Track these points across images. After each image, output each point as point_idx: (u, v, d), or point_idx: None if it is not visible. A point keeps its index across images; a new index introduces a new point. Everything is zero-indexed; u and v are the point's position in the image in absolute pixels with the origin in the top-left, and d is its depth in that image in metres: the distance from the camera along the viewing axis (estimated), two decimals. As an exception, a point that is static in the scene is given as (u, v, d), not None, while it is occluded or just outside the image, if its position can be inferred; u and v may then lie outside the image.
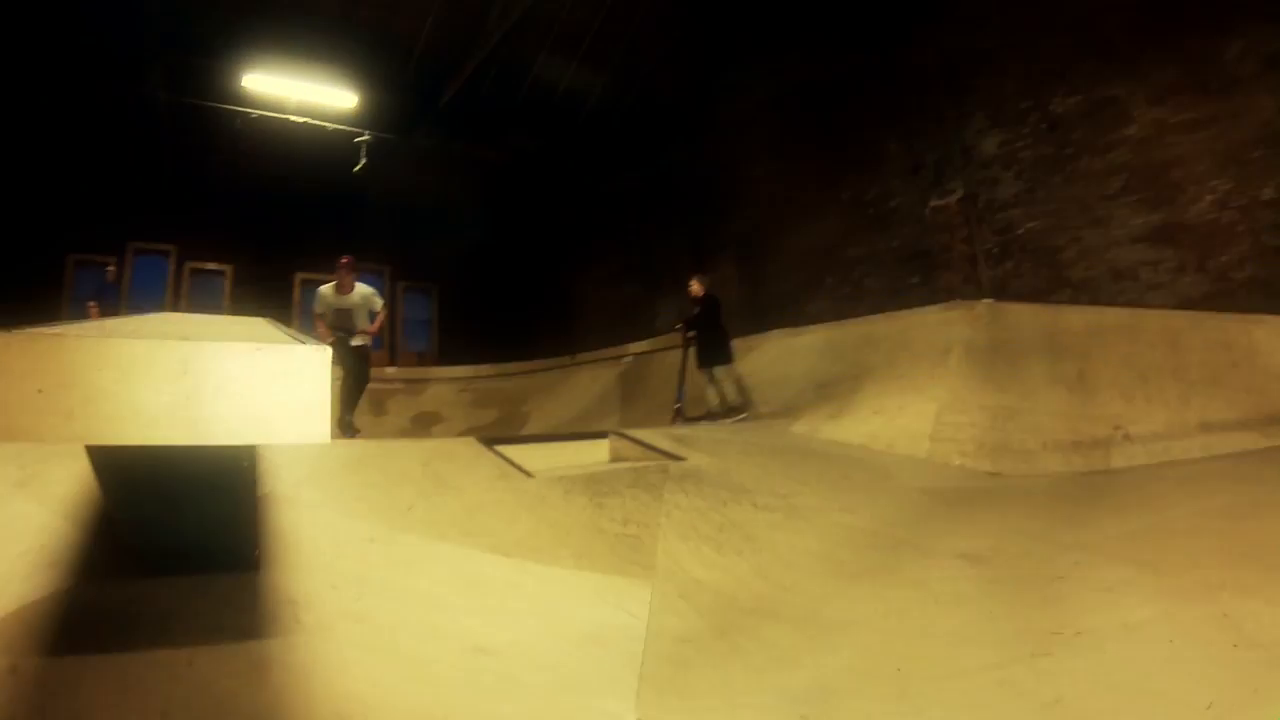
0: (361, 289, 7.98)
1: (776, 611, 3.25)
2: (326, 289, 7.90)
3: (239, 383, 1.73)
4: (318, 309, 7.94)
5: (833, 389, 8.37)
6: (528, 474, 4.86)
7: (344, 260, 7.89)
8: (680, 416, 9.02)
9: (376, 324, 8.08)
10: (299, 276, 16.27)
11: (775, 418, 8.30)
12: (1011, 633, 2.85)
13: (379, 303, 8.13)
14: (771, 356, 9.98)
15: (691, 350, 9.21)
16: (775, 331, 10.53)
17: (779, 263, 11.24)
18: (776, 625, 3.12)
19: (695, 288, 9.31)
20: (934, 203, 9.13)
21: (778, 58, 11.28)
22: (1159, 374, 6.89)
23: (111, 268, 12.44)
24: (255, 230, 15.71)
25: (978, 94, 8.82)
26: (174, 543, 2.75)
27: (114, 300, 12.10)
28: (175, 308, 14.32)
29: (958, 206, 8.95)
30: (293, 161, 15.13)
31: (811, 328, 10.11)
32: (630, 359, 13.17)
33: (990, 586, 3.43)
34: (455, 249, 17.74)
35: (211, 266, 15.70)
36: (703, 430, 7.69)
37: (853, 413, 7.68)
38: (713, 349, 8.93)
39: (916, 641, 2.88)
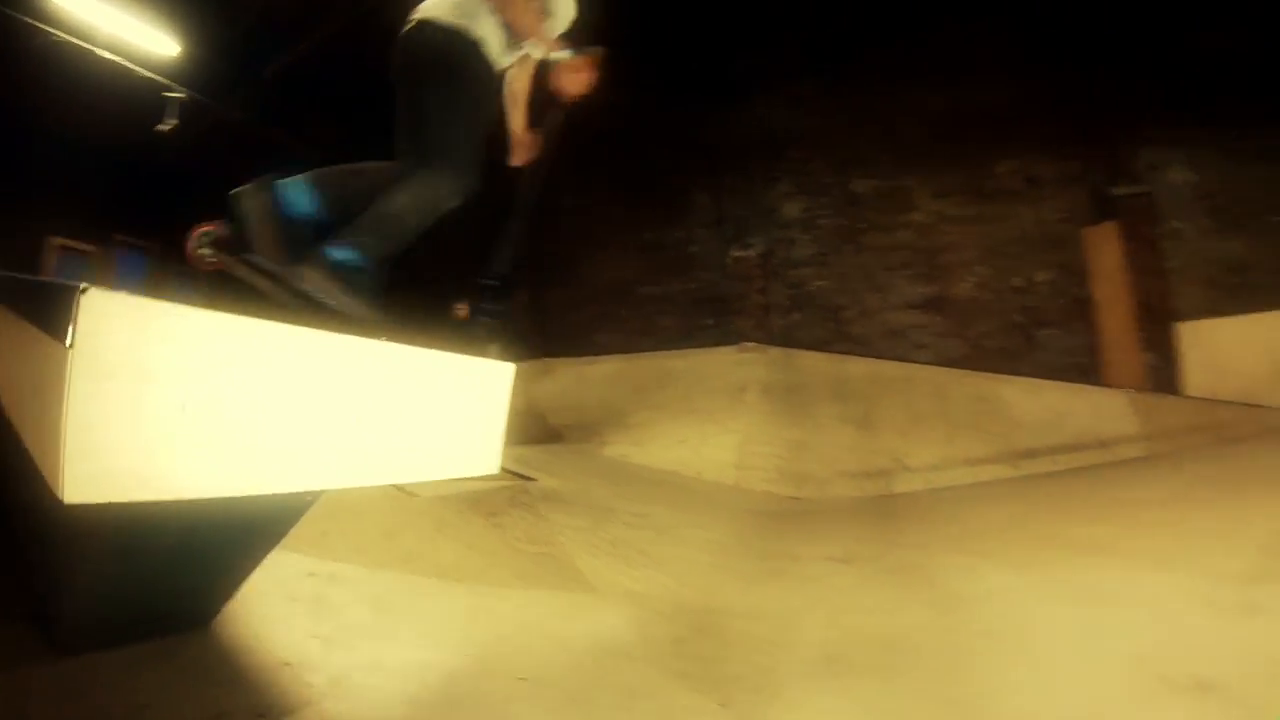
0: None
1: (727, 609, 3.48)
2: None
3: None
4: None
5: (631, 418, 8.66)
6: (411, 493, 4.56)
7: None
8: None
9: None
10: (56, 241, 13.19)
11: (580, 442, 8.58)
12: (916, 602, 3.39)
13: None
14: (565, 383, 10.14)
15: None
16: (565, 359, 10.75)
17: (573, 293, 11.61)
18: (739, 619, 3.29)
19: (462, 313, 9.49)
20: (735, 253, 10.03)
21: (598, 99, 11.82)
22: (929, 417, 8.14)
23: None
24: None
25: (787, 163, 9.97)
26: (146, 608, 2.10)
27: None
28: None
29: (757, 259, 9.92)
30: (87, 106, 12.32)
31: (604, 358, 10.27)
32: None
33: (871, 576, 3.91)
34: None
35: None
36: (524, 450, 7.78)
37: (656, 441, 8.05)
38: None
39: (855, 615, 3.33)
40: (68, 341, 1.15)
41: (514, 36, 2.95)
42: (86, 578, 1.93)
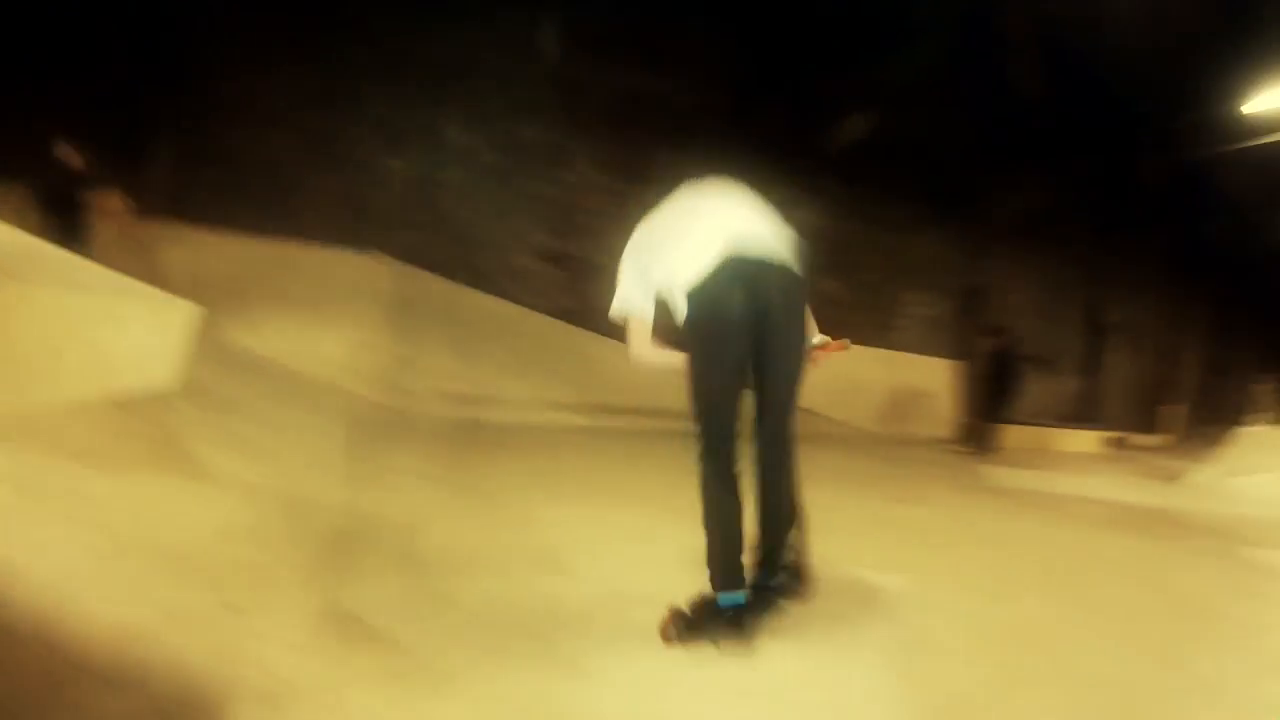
0: None
1: (330, 506, 3.66)
2: None
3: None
4: None
5: (254, 304, 7.97)
6: None
7: None
8: None
9: None
10: None
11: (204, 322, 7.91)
12: (492, 523, 3.96)
13: None
14: (195, 254, 9.14)
15: None
16: (198, 229, 9.61)
17: (219, 163, 10.30)
18: (338, 516, 3.61)
19: None
20: (389, 161, 9.63)
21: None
22: (528, 359, 8.82)
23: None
24: None
25: (461, 90, 9.85)
26: None
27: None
28: None
29: (410, 174, 9.66)
30: None
31: (237, 236, 8.93)
32: None
33: (456, 495, 4.42)
34: None
35: None
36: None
37: (276, 333, 7.59)
38: None
39: (436, 526, 3.71)
40: None
41: None
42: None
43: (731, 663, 2.43)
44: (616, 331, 3.14)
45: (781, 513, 2.69)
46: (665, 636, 2.55)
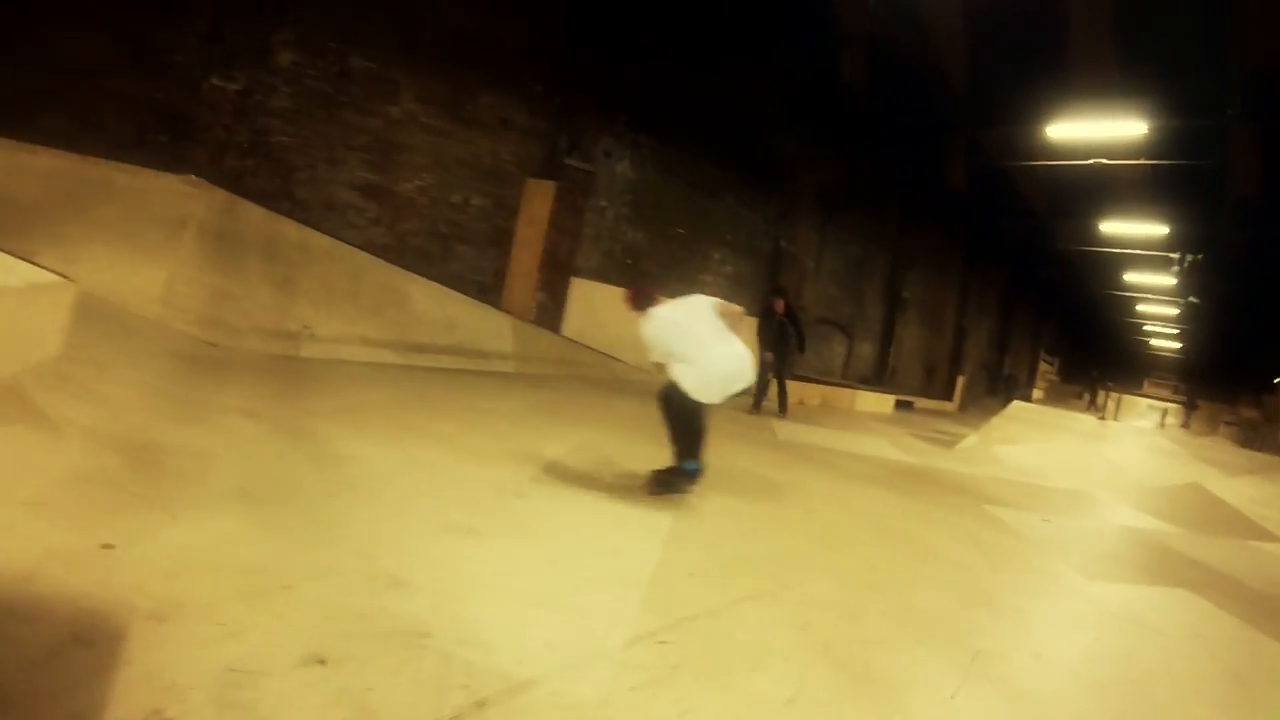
0: None
1: (161, 445, 3.86)
2: None
3: None
4: None
5: (66, 228, 7.67)
6: None
7: None
8: None
9: None
10: None
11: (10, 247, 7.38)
12: (303, 456, 4.32)
13: None
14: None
15: None
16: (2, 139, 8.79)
17: (24, 66, 9.31)
18: (171, 455, 3.82)
19: None
20: (215, 80, 9.29)
21: None
22: (342, 295, 8.87)
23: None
24: None
25: (296, 6, 9.57)
26: None
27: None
28: None
29: (234, 94, 9.39)
30: None
31: (47, 151, 8.23)
32: None
33: (272, 431, 4.70)
34: None
35: None
36: None
37: (88, 261, 7.11)
38: None
39: (258, 461, 4.08)
40: None
41: None
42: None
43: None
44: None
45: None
46: (649, 490, 4.89)
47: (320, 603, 2.54)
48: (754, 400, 11.04)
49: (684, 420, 4.98)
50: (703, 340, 4.93)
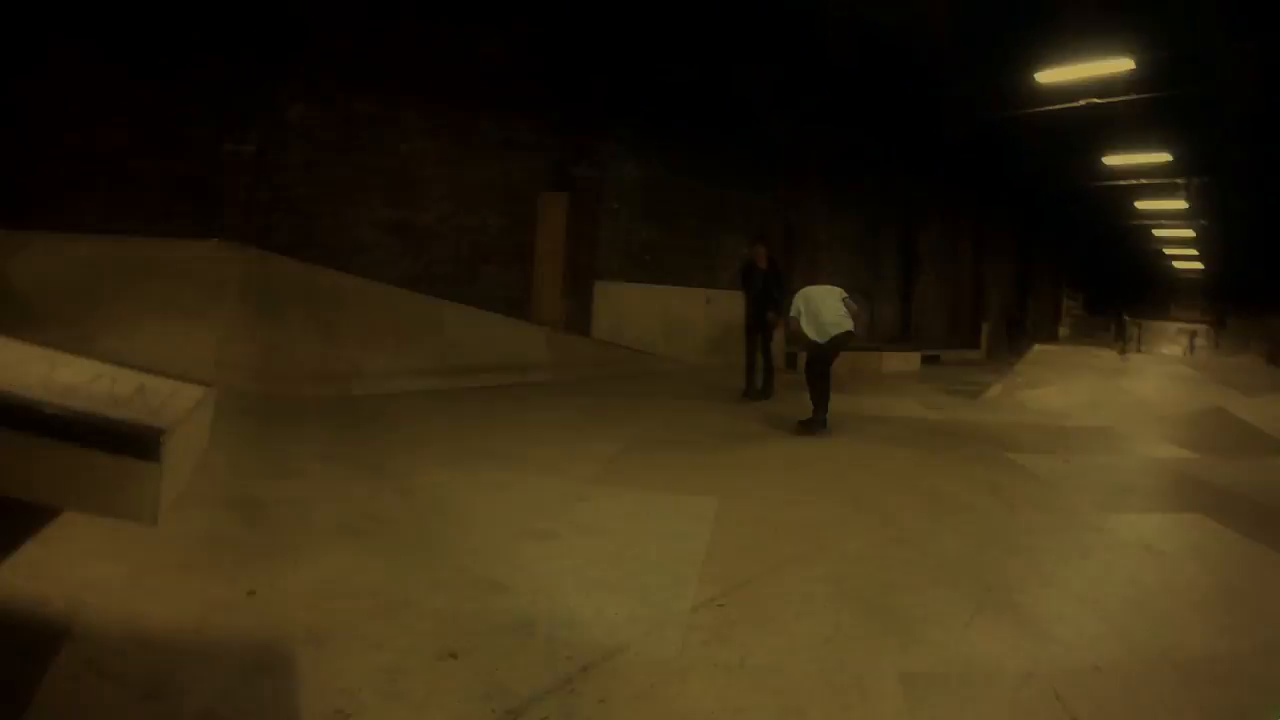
0: None
1: (261, 499, 4.49)
2: None
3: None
4: None
5: (115, 309, 7.90)
6: None
7: None
8: None
9: None
10: None
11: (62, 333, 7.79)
12: (386, 490, 4.97)
13: None
14: (45, 264, 8.63)
15: None
16: (43, 233, 8.96)
17: (54, 157, 9.49)
18: (271, 505, 4.52)
19: None
20: (230, 146, 9.87)
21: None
22: (382, 331, 9.39)
23: None
24: None
25: (297, 64, 10.13)
26: None
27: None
28: None
29: (250, 155, 9.95)
30: None
31: (85, 237, 8.85)
32: None
33: (352, 472, 5.27)
34: None
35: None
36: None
37: (143, 335, 7.33)
38: None
39: (348, 501, 4.88)
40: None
41: None
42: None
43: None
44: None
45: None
46: (799, 432, 7.80)
47: (438, 611, 3.11)
48: (745, 388, 10.25)
49: (818, 384, 7.96)
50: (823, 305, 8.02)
